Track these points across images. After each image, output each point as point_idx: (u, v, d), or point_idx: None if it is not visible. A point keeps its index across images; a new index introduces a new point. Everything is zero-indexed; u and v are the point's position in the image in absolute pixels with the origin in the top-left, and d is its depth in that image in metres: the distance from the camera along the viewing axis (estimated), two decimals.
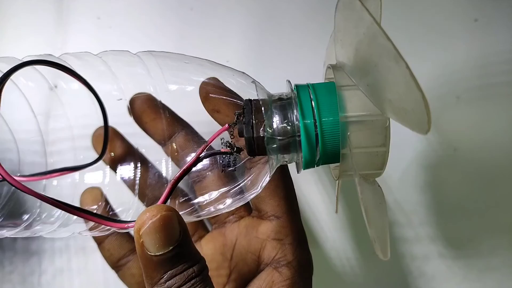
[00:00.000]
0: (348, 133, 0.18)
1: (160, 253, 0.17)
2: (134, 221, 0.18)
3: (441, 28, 0.32)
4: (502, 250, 0.31)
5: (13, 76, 0.19)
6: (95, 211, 0.23)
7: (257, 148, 0.18)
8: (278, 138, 0.18)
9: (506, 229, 0.31)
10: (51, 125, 0.24)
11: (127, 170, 0.24)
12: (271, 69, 0.33)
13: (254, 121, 0.18)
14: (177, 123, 0.24)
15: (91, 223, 0.20)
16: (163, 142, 0.24)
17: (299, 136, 0.18)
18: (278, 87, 0.20)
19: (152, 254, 0.17)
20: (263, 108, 0.18)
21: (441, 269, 0.31)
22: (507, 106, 0.31)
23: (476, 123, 0.31)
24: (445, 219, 0.31)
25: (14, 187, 0.16)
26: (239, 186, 0.21)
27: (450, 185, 0.31)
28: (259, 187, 0.20)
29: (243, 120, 0.18)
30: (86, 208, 0.23)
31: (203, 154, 0.19)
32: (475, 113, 0.31)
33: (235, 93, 0.21)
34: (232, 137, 0.19)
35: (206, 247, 0.25)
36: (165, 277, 0.17)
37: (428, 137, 0.31)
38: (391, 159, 0.29)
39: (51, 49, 0.34)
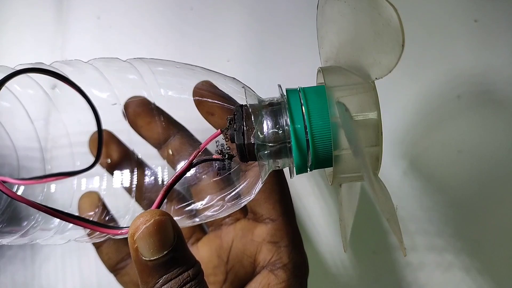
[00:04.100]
0: (340, 137, 0.18)
1: (155, 257, 0.17)
2: (128, 227, 0.18)
3: (441, 28, 0.32)
4: (499, 260, 0.31)
5: (8, 84, 0.19)
6: (92, 217, 0.23)
7: (249, 154, 0.18)
8: (269, 144, 0.18)
9: (507, 237, 0.31)
10: (49, 132, 0.24)
11: (124, 174, 0.24)
12: (272, 68, 0.33)
13: (245, 128, 0.18)
14: (172, 126, 0.24)
15: (87, 230, 0.20)
16: (158, 145, 0.24)
17: (290, 142, 0.18)
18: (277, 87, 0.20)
19: (146, 259, 0.17)
20: (253, 115, 0.18)
21: (435, 276, 0.31)
22: (507, 106, 0.31)
23: (477, 123, 0.31)
24: (443, 224, 0.31)
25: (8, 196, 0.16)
26: (234, 190, 0.21)
27: (450, 190, 0.31)
28: (252, 193, 0.20)
29: (234, 126, 0.18)
30: (84, 213, 0.23)
31: (195, 160, 0.19)
32: (476, 113, 0.31)
33: (228, 96, 0.21)
34: (227, 140, 0.19)
35: (203, 250, 0.25)
36: (160, 281, 0.17)
37: (431, 138, 0.31)
38: (389, 164, 0.29)
39: (51, 49, 0.34)
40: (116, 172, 0.24)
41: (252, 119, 0.18)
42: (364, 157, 0.17)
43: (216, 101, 0.21)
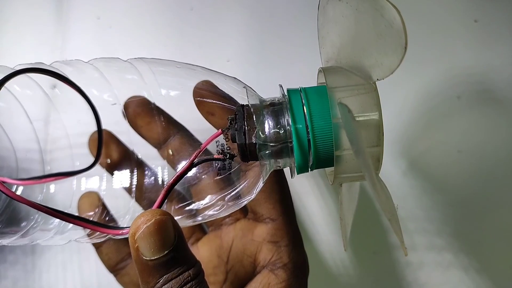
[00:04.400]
0: (341, 137, 0.18)
1: (156, 257, 0.17)
2: (129, 227, 0.18)
3: (441, 28, 0.32)
4: (498, 260, 0.31)
5: (8, 85, 0.19)
6: (92, 217, 0.23)
7: (250, 154, 0.18)
8: (270, 144, 0.18)
9: (506, 236, 0.31)
10: (49, 133, 0.24)
11: (123, 174, 0.24)
12: (272, 69, 0.33)
13: (246, 127, 0.18)
14: (172, 126, 0.24)
15: (87, 230, 0.20)
16: (158, 145, 0.24)
17: (291, 142, 0.18)
18: (279, 87, 0.20)
19: (147, 258, 0.17)
20: (254, 115, 0.18)
21: (434, 275, 0.31)
22: (507, 105, 0.31)
23: (477, 123, 0.31)
24: (443, 224, 0.31)
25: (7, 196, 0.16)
26: (235, 190, 0.21)
27: (450, 190, 0.31)
28: (253, 193, 0.20)
29: (236, 126, 0.18)
30: (83, 213, 0.23)
31: (196, 160, 0.19)
32: (475, 113, 0.31)
33: (229, 95, 0.21)
34: (227, 140, 0.19)
35: (203, 250, 0.25)
36: (161, 281, 0.17)
37: (430, 138, 0.31)
38: (389, 164, 0.28)
39: (51, 49, 0.34)
40: (116, 172, 0.24)
41: (254, 118, 0.18)
42: (365, 158, 0.17)
43: (216, 101, 0.21)
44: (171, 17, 0.34)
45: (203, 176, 0.22)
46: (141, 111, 0.24)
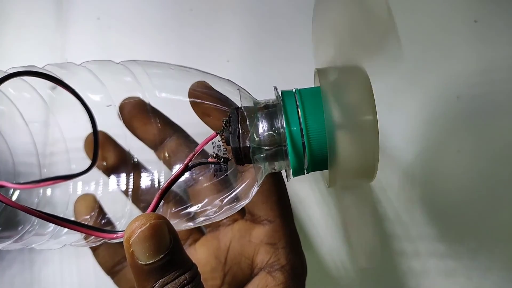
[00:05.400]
0: (336, 139, 0.17)
1: (151, 261, 0.17)
2: (123, 231, 0.18)
3: (441, 28, 0.32)
4: (500, 261, 0.30)
5: (3, 88, 0.19)
6: (88, 220, 0.23)
7: (244, 157, 0.18)
8: (265, 147, 0.18)
9: (508, 238, 0.30)
10: (46, 137, 0.24)
11: (120, 177, 0.24)
12: (272, 69, 0.33)
13: (240, 130, 0.18)
14: (169, 127, 0.24)
15: (83, 234, 0.20)
16: (155, 147, 0.24)
17: (286, 145, 0.17)
18: (279, 88, 0.20)
19: (142, 263, 0.17)
20: (248, 118, 0.18)
21: (438, 282, 0.30)
22: (507, 106, 0.31)
23: (477, 123, 0.31)
24: (445, 228, 0.31)
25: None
26: (232, 192, 0.21)
27: (450, 190, 0.31)
28: (248, 196, 0.20)
29: (230, 129, 0.18)
30: (80, 216, 0.23)
31: (191, 163, 0.19)
32: (475, 113, 0.31)
33: (224, 96, 0.20)
34: (223, 141, 0.19)
35: (200, 251, 0.25)
36: (156, 285, 0.17)
37: (430, 138, 0.31)
38: (388, 167, 0.28)
39: (51, 49, 0.34)
40: (113, 175, 0.24)
41: (247, 122, 0.18)
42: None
43: (211, 103, 0.21)
44: (170, 18, 0.34)
45: (200, 178, 0.22)
46: (137, 113, 0.23)
